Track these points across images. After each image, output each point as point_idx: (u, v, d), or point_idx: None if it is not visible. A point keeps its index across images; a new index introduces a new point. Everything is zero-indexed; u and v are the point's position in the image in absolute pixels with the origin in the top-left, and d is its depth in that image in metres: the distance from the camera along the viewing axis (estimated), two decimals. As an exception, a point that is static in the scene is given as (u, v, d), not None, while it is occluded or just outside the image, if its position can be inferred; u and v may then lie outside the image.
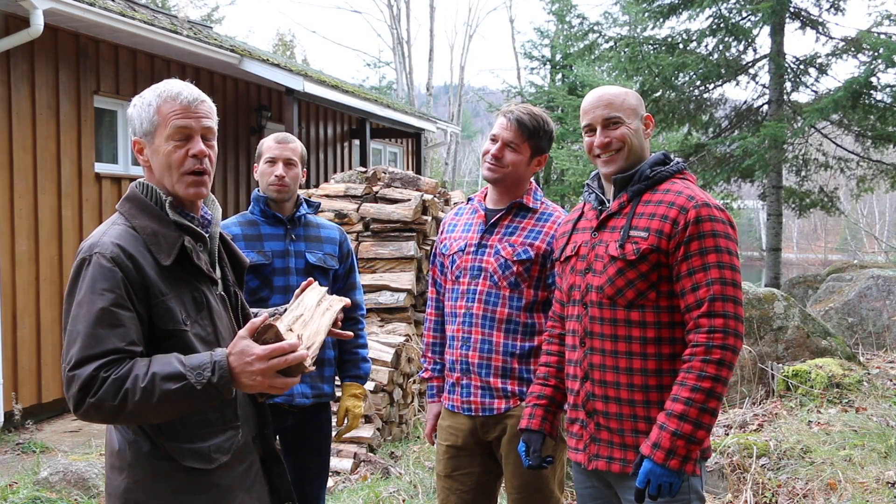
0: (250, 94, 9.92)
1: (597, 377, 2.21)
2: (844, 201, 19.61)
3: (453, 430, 2.74)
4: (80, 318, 1.68)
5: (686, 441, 2.02)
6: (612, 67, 12.44)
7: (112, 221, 1.85)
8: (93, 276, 1.71)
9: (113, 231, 1.79)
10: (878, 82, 10.52)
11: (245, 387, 1.68)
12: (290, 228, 3.06)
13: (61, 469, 4.63)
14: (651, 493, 2.04)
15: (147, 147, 1.87)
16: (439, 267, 2.88)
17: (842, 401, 5.10)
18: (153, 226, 1.81)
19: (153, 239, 1.79)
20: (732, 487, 3.98)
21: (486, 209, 2.76)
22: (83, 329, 1.67)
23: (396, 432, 5.96)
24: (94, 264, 1.72)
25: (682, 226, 2.10)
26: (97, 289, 1.69)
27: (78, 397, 1.65)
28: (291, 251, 3.03)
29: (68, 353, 1.68)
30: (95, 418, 1.68)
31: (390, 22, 27.18)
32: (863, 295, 7.87)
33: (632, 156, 2.24)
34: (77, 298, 1.71)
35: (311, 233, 3.10)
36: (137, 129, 1.87)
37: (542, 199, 2.77)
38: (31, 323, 6.58)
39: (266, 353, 1.64)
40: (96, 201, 7.30)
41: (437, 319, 2.92)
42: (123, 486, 1.79)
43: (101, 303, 1.68)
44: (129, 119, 1.90)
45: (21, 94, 6.52)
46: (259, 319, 1.70)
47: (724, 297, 2.06)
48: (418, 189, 6.98)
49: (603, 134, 2.25)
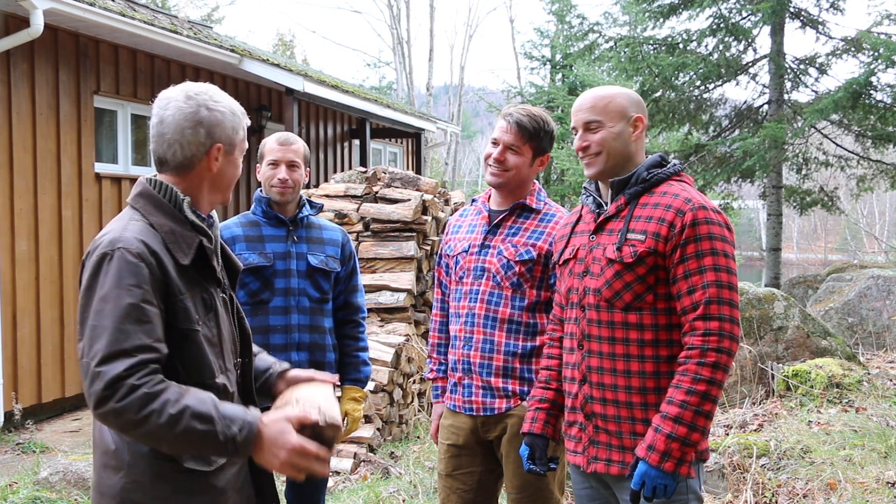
0: (250, 94, 9.92)
1: (595, 380, 2.21)
2: (844, 201, 19.61)
3: (455, 430, 2.75)
4: (105, 313, 1.65)
5: (681, 444, 2.02)
6: (612, 67, 12.43)
7: (129, 217, 1.80)
8: (118, 271, 1.67)
9: (133, 227, 1.76)
10: (878, 82, 10.51)
11: (261, 458, 1.69)
12: (293, 230, 3.02)
13: (61, 469, 4.63)
14: (646, 495, 2.04)
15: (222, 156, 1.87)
16: (444, 268, 2.89)
17: (842, 401, 5.10)
18: (170, 224, 1.80)
19: (171, 237, 1.78)
20: (732, 487, 3.99)
21: (490, 210, 2.77)
22: (110, 324, 1.63)
23: (396, 432, 5.96)
24: (118, 259, 1.69)
25: (679, 228, 2.09)
26: (123, 284, 1.66)
27: (102, 395, 1.60)
28: (293, 253, 2.99)
29: (92, 348, 1.63)
30: (111, 423, 1.64)
31: (390, 22, 27.20)
32: (863, 295, 7.87)
33: (612, 159, 2.24)
34: (100, 293, 1.67)
35: (313, 234, 3.07)
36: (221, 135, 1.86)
37: (546, 200, 2.78)
38: (31, 323, 6.58)
39: (300, 449, 1.66)
40: (96, 201, 7.30)
41: (442, 320, 2.93)
42: (120, 486, 1.77)
43: (129, 298, 1.65)
44: (218, 123, 1.85)
45: (21, 94, 6.52)
46: (310, 416, 1.71)
47: (719, 301, 2.06)
48: (418, 189, 6.98)
49: (581, 137, 2.27)
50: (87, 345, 1.65)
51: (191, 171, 1.85)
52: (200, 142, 1.82)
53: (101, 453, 1.82)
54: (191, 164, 1.84)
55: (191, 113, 1.81)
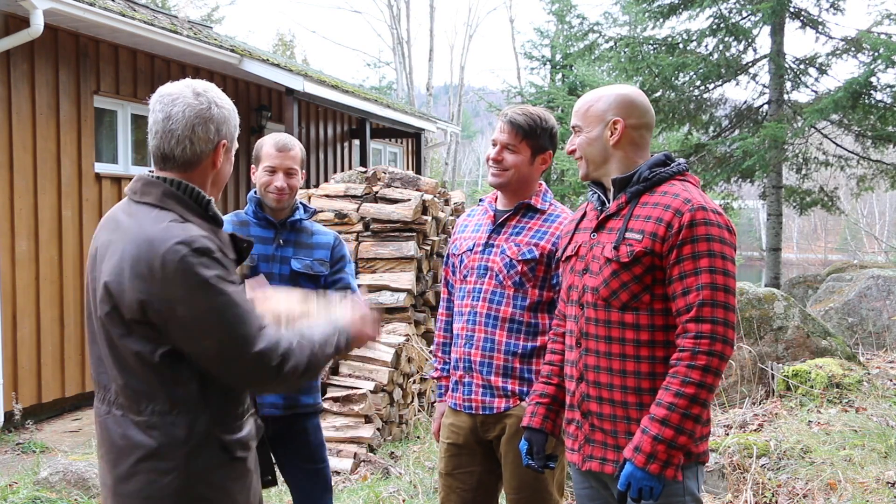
0: (250, 94, 9.92)
1: (591, 378, 2.21)
2: (844, 201, 19.61)
3: (455, 429, 2.75)
4: (232, 306, 1.74)
5: (667, 446, 2.01)
6: (612, 67, 12.43)
7: (167, 217, 1.78)
8: (207, 267, 1.73)
9: (190, 227, 1.77)
10: (878, 82, 10.51)
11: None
12: (280, 233, 2.98)
13: (61, 469, 4.63)
14: (632, 496, 2.04)
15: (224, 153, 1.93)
16: (451, 267, 2.90)
17: (842, 401, 5.10)
18: (203, 223, 1.84)
19: (213, 235, 1.82)
20: (732, 487, 3.98)
21: (496, 210, 2.79)
22: (241, 312, 1.75)
23: (396, 432, 5.96)
24: (201, 256, 1.73)
25: (676, 229, 2.08)
26: (220, 278, 1.74)
27: (276, 365, 1.76)
28: (277, 256, 2.95)
29: (238, 336, 1.74)
30: (291, 382, 1.83)
31: (390, 22, 27.21)
32: (863, 295, 7.87)
33: (590, 164, 2.27)
34: (214, 291, 1.72)
35: (301, 238, 3.01)
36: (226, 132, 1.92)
37: (552, 201, 2.78)
38: (31, 323, 6.58)
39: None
40: (96, 201, 7.30)
41: (447, 319, 2.93)
42: (176, 486, 1.75)
43: (232, 292, 1.77)
44: (225, 120, 1.89)
45: (21, 94, 6.52)
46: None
47: (713, 303, 2.04)
48: (418, 189, 6.98)
49: (569, 141, 2.32)
50: (227, 336, 1.73)
51: (196, 167, 1.85)
52: (210, 139, 1.84)
53: (135, 459, 1.77)
54: (198, 160, 1.85)
55: (203, 109, 1.82)
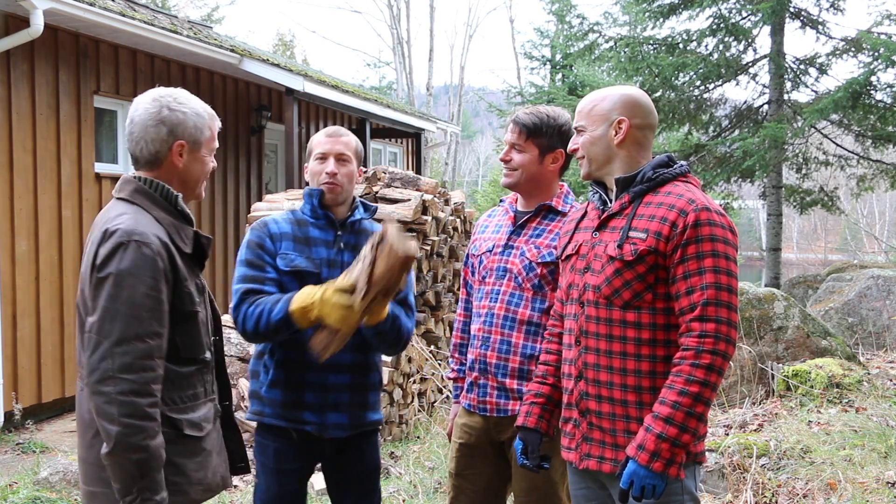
0: (250, 93, 9.91)
1: (590, 376, 2.21)
2: (844, 201, 19.61)
3: (467, 429, 2.74)
4: (122, 299, 1.86)
5: (671, 444, 2.02)
6: (612, 67, 12.43)
7: (133, 210, 1.99)
8: (133, 260, 1.88)
9: (142, 219, 1.96)
10: (878, 82, 10.51)
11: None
12: (341, 235, 2.66)
13: (61, 469, 4.63)
14: (634, 494, 2.04)
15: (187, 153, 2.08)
16: (470, 268, 2.87)
17: (842, 401, 5.10)
18: (169, 217, 2.03)
19: (173, 229, 2.01)
20: (732, 487, 3.98)
21: (516, 211, 2.77)
22: (126, 309, 1.86)
23: (396, 432, 5.96)
24: (133, 249, 1.89)
25: (681, 229, 2.09)
26: (139, 273, 1.88)
27: (113, 376, 1.85)
28: (338, 262, 2.62)
29: (103, 328, 1.86)
30: (105, 399, 1.87)
31: (390, 22, 27.22)
32: (863, 295, 7.87)
33: (593, 163, 2.28)
34: (115, 279, 1.87)
35: (362, 242, 2.57)
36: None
37: (573, 204, 2.75)
38: (31, 323, 6.58)
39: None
40: (96, 201, 7.30)
41: (465, 321, 2.91)
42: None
43: (143, 287, 1.88)
44: (179, 122, 2.04)
45: (21, 94, 6.52)
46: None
47: (717, 303, 2.05)
48: (418, 189, 6.98)
49: (572, 141, 2.35)
50: (99, 323, 1.86)
51: (159, 166, 2.06)
52: (163, 139, 2.03)
53: (97, 431, 1.94)
54: (157, 159, 2.05)
55: (153, 113, 2.03)
